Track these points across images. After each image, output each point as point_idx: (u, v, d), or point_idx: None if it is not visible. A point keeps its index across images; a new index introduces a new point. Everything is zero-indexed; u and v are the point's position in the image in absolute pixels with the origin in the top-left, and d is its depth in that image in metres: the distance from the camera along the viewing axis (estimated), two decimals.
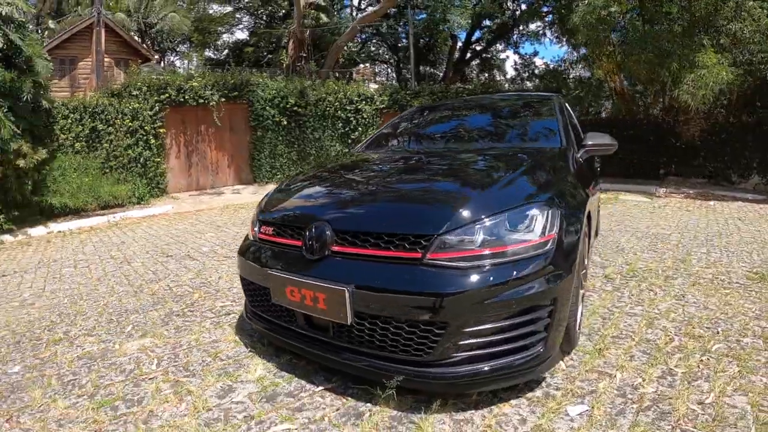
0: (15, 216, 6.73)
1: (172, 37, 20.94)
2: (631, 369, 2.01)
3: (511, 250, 1.67)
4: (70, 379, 2.20)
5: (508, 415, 1.71)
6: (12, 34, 5.64)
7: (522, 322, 1.67)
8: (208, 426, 1.71)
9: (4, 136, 5.97)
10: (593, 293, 3.04)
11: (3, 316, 3.20)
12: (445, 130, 3.34)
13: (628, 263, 3.73)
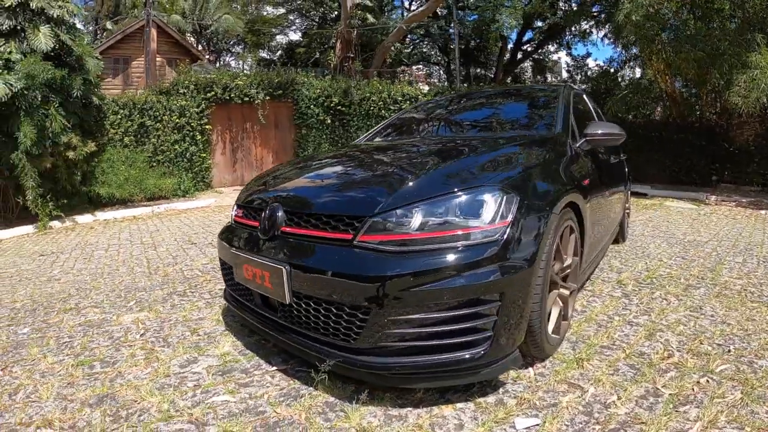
0: (64, 204, 7.39)
1: (227, 39, 22.12)
2: (608, 384, 1.82)
3: (450, 235, 1.58)
4: (65, 341, 2.48)
5: (446, 418, 1.62)
6: (63, 35, 6.28)
7: (461, 316, 1.56)
8: (160, 389, 1.90)
9: (55, 130, 6.59)
10: (597, 298, 2.90)
11: (30, 289, 3.61)
12: (443, 121, 3.37)
13: (649, 269, 3.56)
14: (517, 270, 1.62)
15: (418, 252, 1.56)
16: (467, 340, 1.57)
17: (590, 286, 3.14)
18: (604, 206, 3.01)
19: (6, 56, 5.70)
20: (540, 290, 1.75)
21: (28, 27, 5.91)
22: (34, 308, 3.10)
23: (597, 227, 2.77)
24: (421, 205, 1.62)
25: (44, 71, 5.81)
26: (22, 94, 5.79)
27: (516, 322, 1.66)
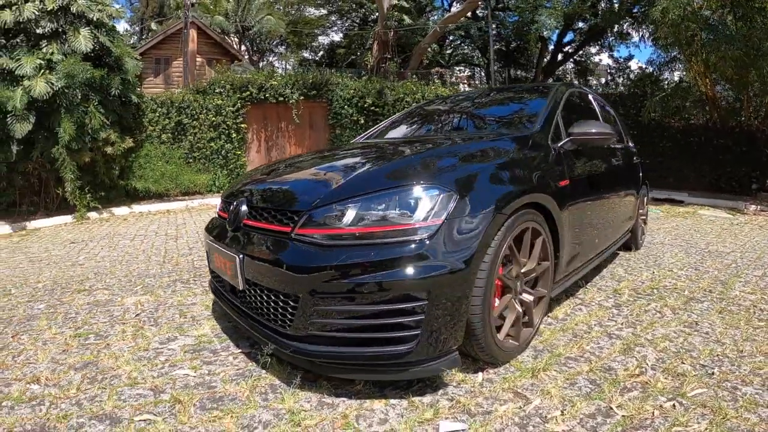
0: (101, 196, 8.01)
1: (270, 39, 22.95)
2: (557, 398, 1.76)
3: (380, 231, 1.64)
4: (71, 317, 2.81)
5: (374, 411, 1.67)
6: (102, 37, 6.84)
7: (387, 311, 1.60)
8: (136, 360, 2.16)
9: (94, 126, 7.17)
10: (585, 307, 2.84)
11: (54, 271, 4.03)
12: (432, 121, 3.43)
13: (653, 279, 3.48)
14: (448, 270, 1.62)
15: (348, 246, 1.64)
16: (394, 336, 1.61)
17: (582, 293, 3.11)
18: (600, 210, 2.97)
19: (48, 57, 6.29)
20: (482, 293, 1.74)
21: (69, 30, 6.50)
22: (53, 288, 3.48)
23: (587, 232, 2.73)
24: (355, 200, 1.70)
25: (83, 71, 6.36)
26: (63, 93, 6.37)
27: (449, 323, 1.66)
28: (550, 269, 2.27)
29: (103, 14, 6.80)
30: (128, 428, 1.61)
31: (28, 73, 6.04)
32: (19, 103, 5.91)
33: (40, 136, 6.60)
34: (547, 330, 2.47)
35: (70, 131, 6.65)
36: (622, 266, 3.89)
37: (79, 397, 1.84)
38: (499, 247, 1.82)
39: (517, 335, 2.08)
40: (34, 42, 6.41)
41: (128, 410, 1.73)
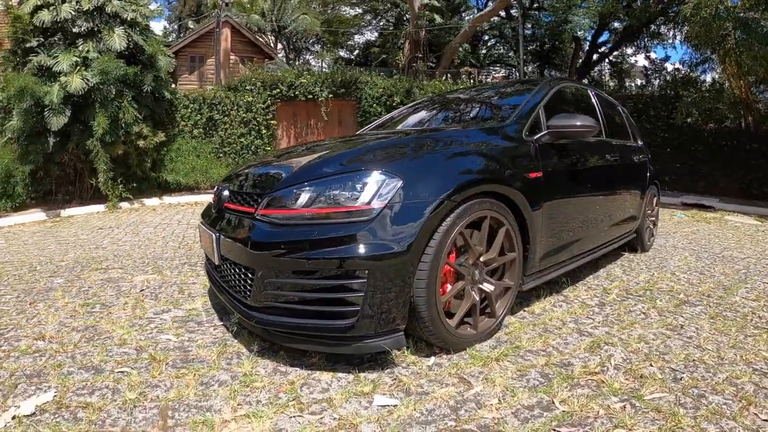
0: (133, 187, 8.54)
1: (306, 38, 23.57)
2: (501, 387, 1.79)
3: (327, 212, 1.78)
4: (84, 290, 3.15)
5: (320, 381, 1.81)
6: (135, 36, 7.34)
7: (329, 286, 1.75)
8: (130, 326, 2.45)
9: (127, 120, 7.68)
10: (566, 303, 2.86)
11: (78, 253, 4.44)
12: (420, 116, 3.56)
13: (650, 281, 3.44)
14: (387, 251, 1.73)
15: (298, 225, 1.82)
16: (336, 311, 1.76)
17: (568, 291, 3.14)
18: (588, 206, 3.02)
19: (84, 55, 6.83)
20: (426, 276, 1.83)
21: (104, 29, 7.02)
22: (73, 266, 3.86)
23: (569, 227, 2.78)
24: (310, 184, 1.87)
25: (117, 68, 6.86)
26: (98, 88, 6.89)
27: (390, 303, 1.77)
28: (517, 261, 2.32)
29: (137, 14, 7.30)
30: (108, 378, 1.88)
31: (65, 70, 6.59)
32: (55, 97, 6.45)
33: (76, 129, 7.16)
34: (518, 323, 2.50)
35: (104, 125, 7.17)
36: (621, 267, 3.90)
37: (74, 352, 2.14)
38: (446, 234, 1.90)
39: (475, 324, 2.13)
40: (71, 40, 6.98)
41: (111, 364, 2.01)
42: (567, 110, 3.07)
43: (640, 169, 4.23)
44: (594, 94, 3.76)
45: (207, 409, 1.62)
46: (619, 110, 4.33)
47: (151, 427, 1.54)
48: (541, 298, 2.94)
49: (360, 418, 1.55)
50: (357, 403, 1.66)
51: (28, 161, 6.90)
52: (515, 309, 2.69)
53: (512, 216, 2.27)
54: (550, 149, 2.65)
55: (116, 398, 1.73)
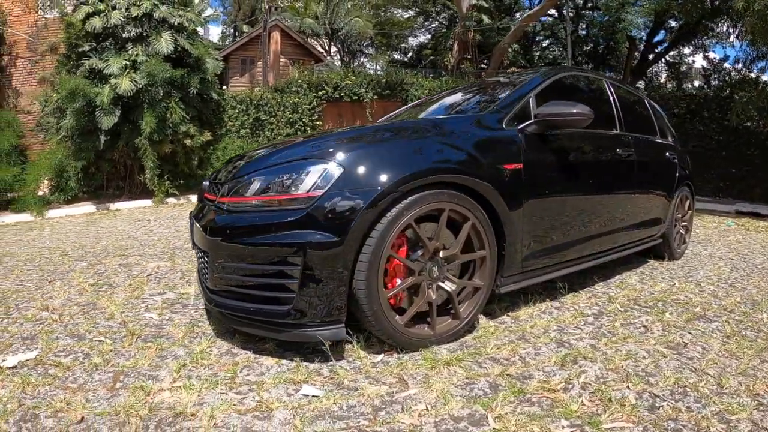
0: (180, 184, 9.17)
1: (360, 41, 24.16)
2: (437, 393, 1.73)
3: (271, 200, 1.89)
4: (99, 272, 3.53)
5: (261, 365, 1.94)
6: (182, 40, 7.94)
7: (269, 272, 1.85)
8: (124, 305, 2.74)
9: (174, 120, 8.29)
10: (558, 310, 2.72)
11: (110, 241, 4.91)
12: (422, 109, 3.56)
13: (667, 291, 3.25)
14: (321, 239, 1.79)
15: (246, 212, 1.95)
16: (274, 296, 1.86)
17: (568, 297, 2.99)
18: (589, 204, 2.92)
19: (133, 58, 7.49)
20: (366, 268, 1.85)
21: (152, 34, 7.67)
22: (100, 252, 4.30)
23: (563, 227, 2.69)
24: (261, 172, 1.98)
25: (163, 71, 7.46)
26: (146, 90, 7.52)
27: (327, 293, 1.82)
28: (488, 260, 2.24)
29: (183, 19, 7.90)
30: (86, 344, 2.16)
31: (115, 73, 7.27)
32: (106, 98, 7.13)
33: (126, 128, 7.84)
34: (494, 327, 2.41)
35: (152, 124, 7.79)
36: (640, 274, 3.71)
37: (68, 322, 2.46)
38: (390, 225, 1.89)
39: (433, 324, 2.10)
40: (121, 45, 7.69)
41: (94, 334, 2.29)
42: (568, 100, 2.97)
43: (667, 168, 4.02)
44: (610, 85, 3.61)
45: (151, 378, 1.83)
46: (645, 104, 4.18)
47: (101, 387, 1.78)
48: (533, 303, 2.81)
49: (278, 404, 1.64)
50: (284, 389, 1.75)
51: (81, 158, 7.65)
52: (498, 313, 2.63)
53: (482, 211, 2.19)
54: (537, 140, 2.54)
55: (84, 361, 1.99)
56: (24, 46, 9.40)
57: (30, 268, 3.68)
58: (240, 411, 1.59)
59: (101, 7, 7.40)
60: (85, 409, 1.62)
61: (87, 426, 1.53)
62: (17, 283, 3.26)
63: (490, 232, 2.23)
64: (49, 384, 1.81)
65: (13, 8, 9.42)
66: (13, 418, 1.58)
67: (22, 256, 4.16)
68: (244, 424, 1.50)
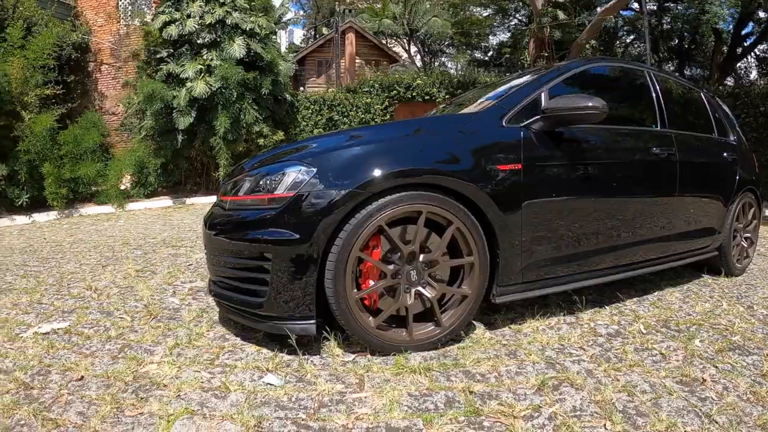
0: None
1: (440, 41, 24.27)
2: (386, 399, 1.75)
3: (254, 200, 2.05)
4: (149, 260, 4.02)
5: (242, 351, 2.14)
6: (254, 44, 8.58)
7: (248, 266, 2.04)
8: (156, 289, 3.13)
9: (248, 121, 8.97)
10: (569, 326, 2.54)
11: (171, 233, 5.50)
12: (454, 106, 3.55)
13: (708, 313, 2.85)
14: (289, 238, 1.91)
15: (235, 210, 2.14)
16: (251, 288, 2.04)
17: (589, 312, 2.78)
18: (610, 210, 2.73)
19: (208, 63, 8.21)
20: (334, 268, 1.94)
21: (225, 39, 8.36)
22: (157, 243, 4.86)
23: (576, 234, 2.54)
24: (252, 173, 2.15)
25: (235, 74, 8.12)
26: (220, 92, 8.22)
27: (295, 289, 1.94)
28: (477, 268, 2.18)
29: (255, 25, 8.54)
30: (109, 320, 2.54)
31: (190, 76, 8.03)
32: (182, 100, 7.90)
33: (201, 128, 8.62)
34: (488, 339, 2.33)
35: (226, 124, 8.50)
36: (685, 291, 3.37)
37: (103, 301, 2.88)
38: (359, 226, 1.95)
39: (410, 329, 2.11)
40: (196, 50, 8.48)
41: (120, 312, 2.68)
42: (597, 94, 2.74)
43: (724, 170, 3.65)
44: (653, 77, 3.29)
45: (147, 352, 2.14)
46: (701, 98, 3.85)
47: (107, 355, 2.10)
48: (544, 316, 2.63)
49: (237, 387, 1.81)
50: (250, 375, 1.92)
51: (160, 155, 8.54)
52: (499, 324, 2.53)
53: (468, 214, 2.13)
54: (545, 138, 2.42)
55: (103, 334, 2.35)
56: (108, 53, 10.69)
57: (92, 254, 4.27)
58: (204, 388, 1.81)
59: (177, 15, 8.23)
60: (87, 371, 1.94)
61: (83, 384, 1.85)
62: (77, 266, 3.82)
63: (479, 238, 2.16)
64: (68, 349, 2.17)
65: (97, 18, 10.79)
66: (31, 372, 1.95)
67: (89, 243, 4.82)
68: (201, 400, 1.73)
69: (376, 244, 2.10)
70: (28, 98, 7.18)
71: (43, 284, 3.26)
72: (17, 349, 2.18)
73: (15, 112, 7.06)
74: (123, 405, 1.70)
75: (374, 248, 2.09)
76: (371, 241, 2.07)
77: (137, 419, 1.61)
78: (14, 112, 7.06)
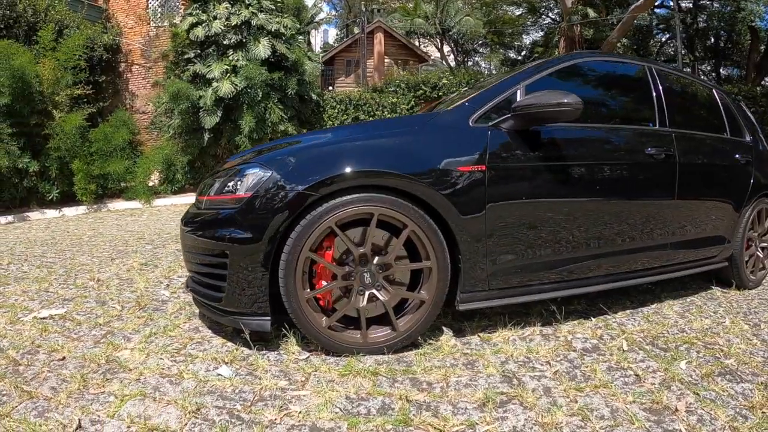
0: None
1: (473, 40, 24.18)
2: (322, 400, 1.83)
3: (219, 200, 2.19)
4: (156, 255, 4.33)
5: (210, 343, 2.32)
6: (279, 45, 8.90)
7: (211, 262, 2.18)
8: (152, 282, 3.41)
9: (273, 120, 9.30)
10: (545, 338, 2.43)
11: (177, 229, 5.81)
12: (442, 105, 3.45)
13: (705, 331, 2.64)
14: (242, 237, 2.05)
15: (206, 209, 2.27)
16: (212, 283, 2.19)
17: (571, 324, 2.66)
18: (593, 214, 2.59)
19: (233, 63, 8.58)
20: (285, 267, 2.04)
21: (250, 40, 8.70)
22: (168, 238, 5.19)
23: (551, 240, 2.44)
24: (222, 174, 2.29)
25: (259, 74, 8.46)
26: (245, 92, 8.58)
27: (249, 287, 2.07)
28: (434, 272, 2.18)
29: (280, 26, 8.87)
30: (101, 308, 2.82)
31: (216, 77, 8.41)
32: (209, 100, 8.29)
33: (227, 127, 9.01)
34: (451, 346, 2.31)
35: (251, 124, 8.85)
36: (688, 304, 3.14)
37: (102, 291, 3.17)
38: (308, 228, 2.04)
39: (363, 332, 2.16)
40: (223, 51, 8.86)
41: (114, 302, 2.94)
42: (586, 91, 2.75)
43: (735, 173, 3.41)
44: (654, 72, 3.11)
45: (125, 338, 2.37)
46: (712, 96, 3.63)
47: (91, 340, 2.36)
48: (518, 325, 2.56)
49: (191, 376, 1.99)
50: (207, 365, 2.08)
51: (187, 153, 8.98)
52: (468, 331, 2.49)
53: (425, 217, 2.13)
54: (516, 138, 2.36)
55: (93, 321, 2.62)
56: (138, 54, 11.31)
57: (106, 247, 4.63)
58: (162, 374, 2.02)
59: (203, 17, 8.64)
60: (69, 353, 2.19)
61: (63, 363, 2.10)
62: (88, 258, 4.17)
63: (438, 242, 2.15)
64: (58, 332, 2.44)
65: (128, 21, 11.44)
66: (22, 351, 2.22)
67: (107, 237, 5.21)
68: (157, 384, 1.93)
69: (330, 245, 2.16)
70: (58, 98, 7.75)
71: (54, 274, 3.60)
72: (16, 331, 2.47)
73: (46, 111, 7.64)
74: (90, 384, 1.92)
75: (327, 249, 2.16)
76: (325, 242, 2.15)
77: (97, 397, 1.83)
78: (46, 111, 7.63)
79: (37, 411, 1.74)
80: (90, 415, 1.71)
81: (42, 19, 8.76)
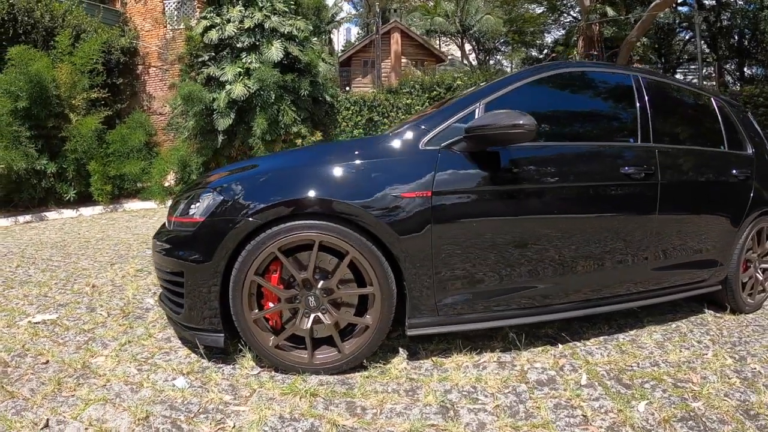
0: None
1: (494, 38, 24.11)
2: (255, 416, 1.94)
3: (181, 222, 2.37)
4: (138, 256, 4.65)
5: (176, 354, 2.52)
6: (291, 47, 9.21)
7: (172, 279, 2.36)
8: (140, 290, 3.74)
9: (286, 121, 9.61)
10: (501, 367, 2.37)
11: None
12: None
13: (684, 363, 2.46)
14: (193, 258, 2.22)
15: (172, 229, 2.47)
16: (176, 300, 2.37)
17: (527, 351, 2.56)
18: (559, 242, 2.49)
19: (247, 66, 8.93)
20: (233, 288, 2.20)
21: (264, 43, 9.04)
22: None
23: (505, 266, 2.39)
24: (185, 196, 2.46)
25: (272, 76, 8.78)
26: (258, 94, 8.92)
27: (202, 304, 2.25)
28: (378, 298, 2.24)
29: (293, 28, 9.18)
30: (89, 315, 3.14)
31: (230, 79, 8.78)
32: (222, 103, 8.66)
33: (241, 128, 9.38)
34: (398, 371, 2.33)
35: (263, 125, 9.19)
36: (672, 330, 2.94)
37: (95, 298, 3.50)
38: (252, 252, 2.18)
39: (309, 353, 2.28)
40: (236, 54, 9.22)
41: (103, 308, 3.26)
42: (557, 106, 2.76)
43: (730, 190, 3.19)
44: (640, 82, 2.92)
45: (103, 345, 2.68)
46: (709, 105, 3.39)
47: (73, 345, 2.67)
48: (476, 351, 2.53)
49: (149, 384, 2.21)
50: (166, 375, 2.29)
51: (202, 154, 9.37)
52: (422, 355, 2.51)
53: (366, 243, 2.19)
54: (470, 160, 2.33)
55: (79, 327, 2.94)
56: (155, 57, 11.77)
57: (110, 252, 5.01)
58: (126, 381, 2.29)
59: (217, 20, 9.00)
60: (53, 357, 2.51)
61: (46, 366, 2.41)
62: (90, 262, 4.54)
63: (380, 268, 2.20)
64: (47, 337, 2.78)
65: (144, 24, 11.88)
66: (12, 353, 2.55)
67: (114, 240, 5.60)
68: (119, 391, 2.21)
69: (276, 269, 2.29)
70: (75, 101, 8.22)
71: (55, 279, 3.97)
72: (11, 334, 2.82)
73: (63, 114, 8.11)
74: (63, 387, 2.21)
75: (275, 272, 2.29)
76: (272, 265, 2.28)
77: (67, 400, 2.12)
78: (63, 114, 8.11)
79: (15, 409, 2.03)
80: (57, 416, 1.99)
81: (60, 24, 9.21)
